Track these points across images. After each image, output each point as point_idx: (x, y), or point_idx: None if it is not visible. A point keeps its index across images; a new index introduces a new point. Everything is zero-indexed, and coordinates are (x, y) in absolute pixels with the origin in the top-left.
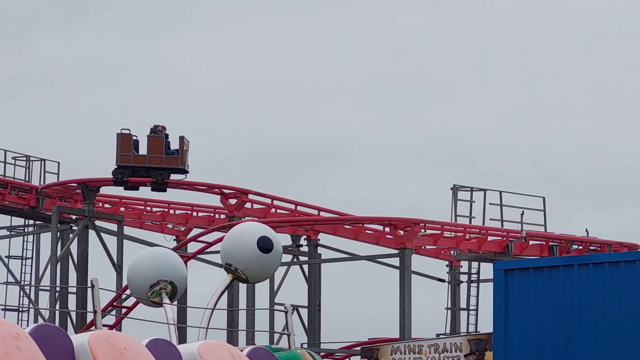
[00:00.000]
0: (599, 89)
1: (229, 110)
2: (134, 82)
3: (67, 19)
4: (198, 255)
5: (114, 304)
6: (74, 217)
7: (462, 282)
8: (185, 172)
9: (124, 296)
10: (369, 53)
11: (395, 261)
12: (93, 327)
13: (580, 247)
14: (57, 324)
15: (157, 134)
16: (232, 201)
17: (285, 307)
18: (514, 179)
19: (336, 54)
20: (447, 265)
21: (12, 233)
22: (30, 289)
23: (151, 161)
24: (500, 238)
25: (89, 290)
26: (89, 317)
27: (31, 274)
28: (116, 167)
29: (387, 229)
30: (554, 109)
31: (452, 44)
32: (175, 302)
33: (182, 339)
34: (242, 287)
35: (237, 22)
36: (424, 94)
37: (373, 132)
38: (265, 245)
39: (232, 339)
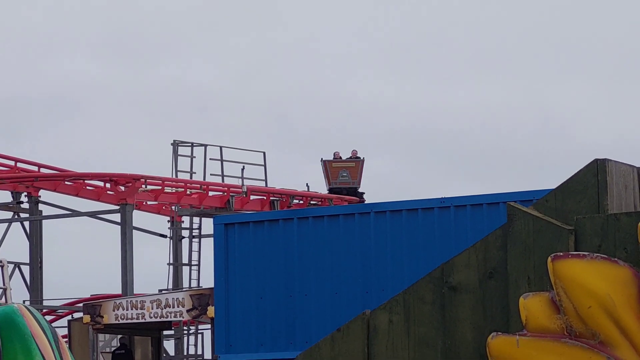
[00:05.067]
0: (326, 39)
1: None
2: None
3: None
4: None
5: None
6: None
7: (183, 237)
8: None
9: None
10: (98, 2)
11: (117, 217)
12: None
13: (302, 202)
14: None
15: None
16: None
17: (1, 262)
18: (240, 133)
19: (64, 3)
20: (168, 221)
21: None
22: None
23: None
24: (221, 193)
25: None
26: None
27: None
28: None
29: (108, 185)
30: (285, 62)
31: None
32: None
33: None
34: None
35: None
36: (154, 46)
37: (98, 84)
38: None
39: None
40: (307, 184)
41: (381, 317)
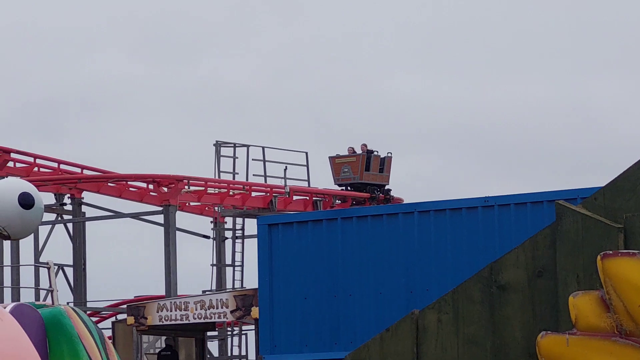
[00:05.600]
0: (364, 36)
1: None
2: None
3: None
4: None
5: None
6: None
7: (227, 238)
8: None
9: None
10: (135, 0)
11: (160, 218)
12: None
13: (345, 202)
14: None
15: None
16: None
17: (47, 263)
18: (282, 132)
19: (100, 1)
20: (211, 222)
21: None
22: None
23: None
24: (264, 194)
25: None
26: None
27: None
28: None
29: (151, 186)
30: (325, 59)
31: None
32: None
33: None
34: (7, 246)
35: None
36: (194, 43)
37: (139, 83)
38: (26, 201)
39: None
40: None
41: (430, 317)
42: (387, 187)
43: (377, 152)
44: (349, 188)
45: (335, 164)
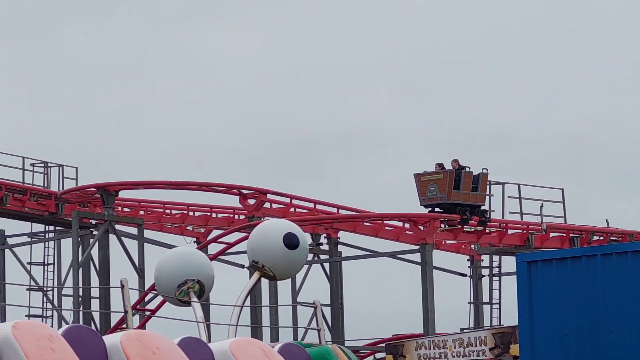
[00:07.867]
0: (622, 68)
1: (251, 105)
2: (153, 78)
3: (93, 10)
4: (218, 257)
5: (137, 306)
6: (93, 221)
7: (483, 276)
8: None
9: (147, 298)
10: (399, 39)
11: (416, 257)
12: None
13: (601, 238)
14: None
15: None
16: (251, 201)
17: (314, 303)
18: (539, 168)
19: (364, 40)
20: (468, 260)
21: (33, 239)
22: (53, 294)
23: None
24: (521, 231)
25: (119, 290)
26: (113, 319)
27: (53, 279)
28: None
29: (407, 225)
30: (584, 94)
31: (485, 30)
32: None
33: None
34: (265, 287)
35: (259, 10)
36: (454, 81)
37: (397, 121)
38: (291, 241)
39: (256, 336)
40: (606, 219)
41: None
42: (483, 207)
43: (469, 168)
44: (436, 209)
45: (420, 182)
